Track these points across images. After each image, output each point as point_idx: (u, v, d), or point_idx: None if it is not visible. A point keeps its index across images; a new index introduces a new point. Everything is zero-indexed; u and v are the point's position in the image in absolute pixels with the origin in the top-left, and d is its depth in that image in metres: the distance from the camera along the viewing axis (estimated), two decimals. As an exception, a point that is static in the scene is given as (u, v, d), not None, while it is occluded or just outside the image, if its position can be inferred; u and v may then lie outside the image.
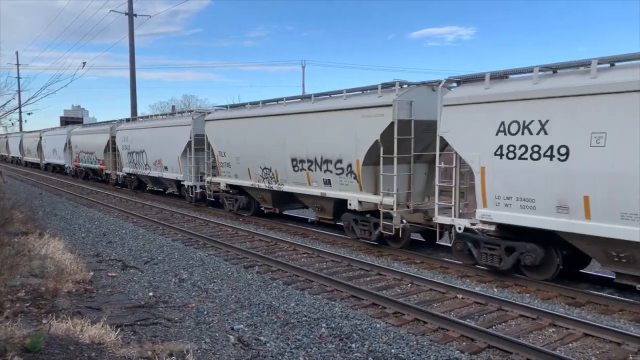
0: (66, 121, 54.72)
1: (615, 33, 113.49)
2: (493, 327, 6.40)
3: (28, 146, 43.53)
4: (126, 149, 22.68)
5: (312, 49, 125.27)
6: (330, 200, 12.12)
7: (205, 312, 6.82)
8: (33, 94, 10.08)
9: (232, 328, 6.24)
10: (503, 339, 5.78)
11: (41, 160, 39.18)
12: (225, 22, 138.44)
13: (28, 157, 44.20)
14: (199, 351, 5.40)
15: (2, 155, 56.52)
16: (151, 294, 7.61)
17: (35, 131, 41.87)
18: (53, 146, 34.94)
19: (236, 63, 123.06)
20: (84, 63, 10.07)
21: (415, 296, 7.83)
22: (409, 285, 8.39)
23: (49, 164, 37.23)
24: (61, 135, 32.75)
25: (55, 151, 34.66)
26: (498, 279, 8.63)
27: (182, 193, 19.11)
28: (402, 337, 6.02)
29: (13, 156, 51.17)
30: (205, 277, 8.76)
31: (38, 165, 40.39)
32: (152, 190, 22.93)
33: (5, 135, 52.92)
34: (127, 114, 29.88)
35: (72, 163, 31.08)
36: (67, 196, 22.05)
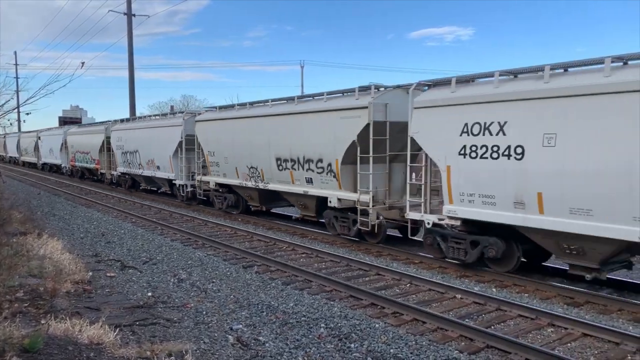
0: (65, 121, 54.74)
1: (614, 33, 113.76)
2: (492, 327, 6.41)
3: (25, 146, 43.84)
4: (120, 149, 23.14)
5: (311, 49, 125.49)
6: (312, 198, 12.64)
7: (204, 312, 6.82)
8: (32, 94, 10.09)
9: (231, 328, 6.24)
10: (502, 339, 5.79)
11: (38, 160, 39.54)
12: (224, 22, 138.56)
13: (25, 157, 44.49)
14: (198, 351, 5.40)
15: (0, 155, 56.54)
16: (150, 294, 7.61)
17: (32, 131, 42.19)
18: (50, 146, 35.31)
19: (235, 63, 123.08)
20: (83, 63, 10.09)
21: (414, 296, 7.84)
22: (408, 285, 8.40)
23: (46, 164, 37.56)
24: (58, 135, 33.17)
25: (51, 151, 34.98)
26: (497, 279, 8.65)
27: (174, 192, 19.54)
28: (401, 337, 6.03)
29: (11, 156, 51.54)
30: (204, 277, 8.76)
31: (35, 165, 40.71)
32: (146, 189, 23.38)
33: (3, 135, 52.94)
34: (126, 114, 30.02)
35: (69, 163, 31.43)
36: (66, 196, 22.03)
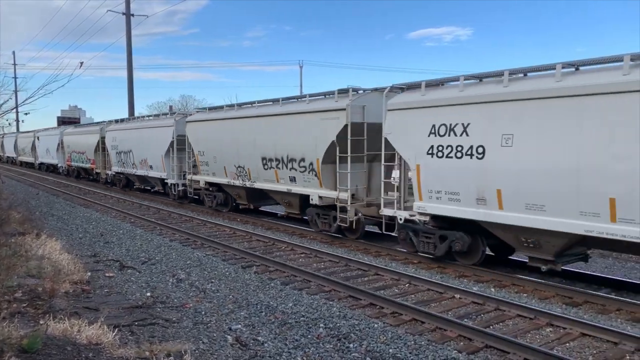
0: (63, 121, 54.80)
1: (614, 33, 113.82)
2: (490, 327, 6.41)
3: (23, 146, 44.33)
4: (115, 149, 23.64)
5: (310, 49, 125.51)
6: (296, 196, 13.21)
7: (203, 313, 6.82)
8: (30, 94, 10.08)
9: (230, 328, 6.24)
10: (500, 339, 5.79)
11: (35, 160, 40.03)
12: (223, 22, 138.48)
13: (23, 157, 44.96)
14: (197, 351, 5.40)
15: None
16: (149, 295, 7.60)
17: (29, 131, 42.72)
18: (46, 146, 35.80)
19: (234, 63, 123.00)
20: (81, 63, 10.09)
21: (413, 296, 7.84)
22: (407, 285, 8.40)
23: (43, 164, 38.05)
24: (54, 135, 33.67)
25: (48, 151, 35.46)
26: (495, 279, 8.66)
27: (167, 191, 19.97)
28: (400, 337, 6.03)
29: (8, 156, 52.06)
30: (203, 278, 8.76)
31: (32, 164, 41.19)
32: (140, 188, 23.88)
33: (1, 135, 53.06)
34: (125, 114, 30.21)
35: (65, 162, 31.91)
36: (64, 196, 22.01)
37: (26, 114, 15.65)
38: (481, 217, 8.53)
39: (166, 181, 19.47)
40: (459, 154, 8.69)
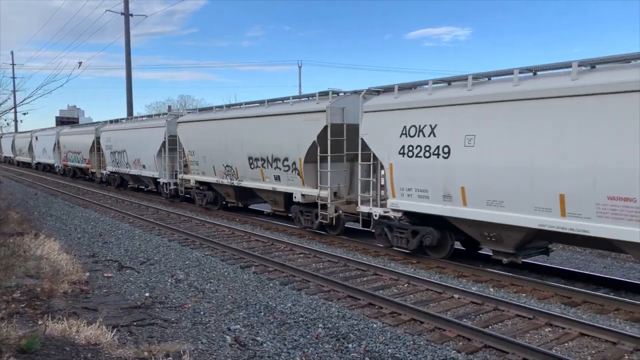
0: (62, 121, 54.85)
1: (614, 33, 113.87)
2: (489, 327, 6.41)
3: (20, 146, 44.86)
4: (109, 149, 24.09)
5: (309, 49, 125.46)
6: (280, 194, 13.66)
7: (201, 313, 6.81)
8: (29, 94, 10.07)
9: (229, 328, 6.24)
10: (499, 339, 5.79)
11: (32, 160, 40.56)
12: (222, 22, 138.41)
13: (20, 157, 45.46)
14: (196, 352, 5.39)
15: None
16: (147, 295, 7.60)
17: (27, 132, 43.30)
18: (43, 146, 36.40)
19: (233, 63, 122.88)
20: (80, 63, 10.10)
21: (411, 296, 7.85)
22: (406, 285, 8.41)
23: (40, 163, 38.60)
24: (51, 135, 34.28)
25: (45, 151, 36.02)
26: (494, 279, 8.66)
27: (159, 190, 20.36)
28: (399, 337, 6.03)
29: (5, 156, 52.60)
30: (201, 278, 8.75)
31: (29, 164, 41.70)
32: (133, 187, 24.52)
33: None
34: (124, 114, 30.38)
35: (61, 162, 32.38)
36: (63, 196, 21.99)
37: (25, 114, 15.73)
38: (448, 213, 9.02)
39: (158, 180, 19.88)
40: (427, 154, 9.20)
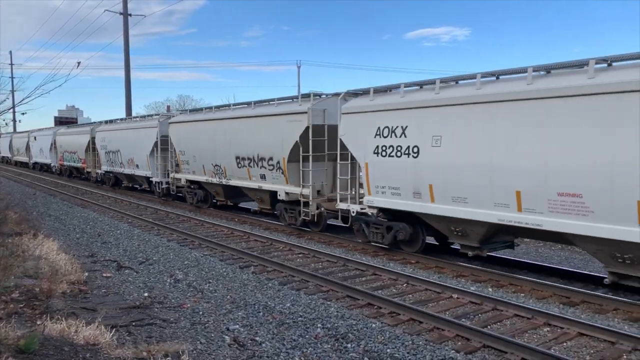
0: (60, 121, 54.83)
1: (614, 33, 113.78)
2: (488, 327, 6.42)
3: (17, 146, 45.44)
4: (104, 149, 24.56)
5: (308, 49, 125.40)
6: (266, 192, 14.09)
7: (200, 313, 6.81)
8: (27, 94, 10.05)
9: (228, 328, 6.24)
10: (498, 339, 5.80)
11: (29, 159, 41.15)
12: (220, 22, 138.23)
13: (18, 157, 46.02)
14: (195, 352, 5.39)
15: None
16: (146, 295, 7.59)
17: (24, 132, 43.82)
18: (40, 146, 36.96)
19: (232, 63, 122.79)
20: (79, 63, 10.09)
21: (410, 296, 7.85)
22: (405, 285, 8.41)
23: (37, 163, 39.17)
24: (47, 136, 34.87)
25: (42, 151, 36.58)
26: (493, 279, 8.67)
27: (152, 188, 20.88)
28: (398, 337, 6.03)
29: (3, 156, 53.12)
30: (200, 278, 8.75)
31: (27, 164, 42.26)
32: (128, 186, 24.95)
33: None
34: (122, 114, 30.61)
35: (57, 162, 32.93)
36: (61, 196, 21.97)
37: (23, 114, 15.74)
38: (418, 209, 9.58)
39: (151, 179, 20.33)
40: (399, 153, 9.73)
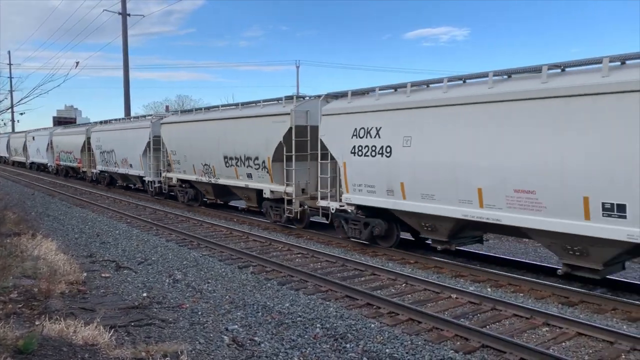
0: (59, 121, 54.93)
1: (614, 33, 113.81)
2: (487, 327, 6.42)
3: (15, 146, 45.90)
4: (99, 149, 25.05)
5: (307, 49, 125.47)
6: (253, 190, 14.58)
7: (199, 313, 6.80)
8: (26, 94, 10.04)
9: (227, 328, 6.23)
10: (497, 339, 5.80)
11: (27, 159, 41.66)
12: (219, 22, 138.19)
13: (15, 157, 46.45)
14: (193, 352, 5.39)
15: None
16: (145, 295, 7.58)
17: (21, 132, 44.30)
18: (37, 146, 37.52)
19: (231, 63, 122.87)
20: (77, 63, 10.07)
21: (409, 296, 7.85)
22: (404, 285, 8.41)
23: (34, 163, 39.77)
24: (44, 136, 35.42)
25: (39, 151, 37.14)
26: (492, 279, 8.68)
27: (145, 187, 21.34)
28: (397, 337, 6.03)
29: (1, 156, 53.47)
30: (199, 278, 8.74)
31: (24, 164, 42.75)
32: (122, 185, 25.34)
33: None
34: (121, 114, 30.72)
35: (54, 162, 33.45)
36: (60, 197, 21.94)
37: (22, 114, 15.82)
38: (391, 206, 10.07)
39: (144, 179, 20.78)
40: (374, 153, 10.20)
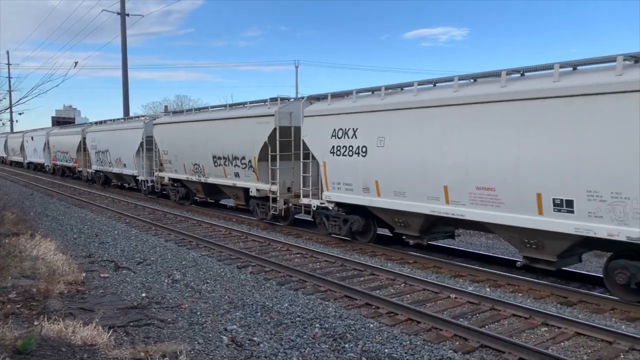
0: (58, 121, 54.97)
1: (614, 33, 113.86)
2: (486, 327, 6.43)
3: (13, 146, 46.29)
4: (94, 149, 25.48)
5: (307, 49, 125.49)
6: (240, 189, 15.02)
7: (198, 313, 6.80)
8: (24, 94, 10.02)
9: (226, 329, 6.23)
10: (496, 338, 5.81)
11: (24, 159, 42.07)
12: (218, 22, 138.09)
13: (13, 157, 46.84)
14: (192, 352, 5.39)
15: None
16: (144, 295, 7.58)
17: (19, 132, 44.82)
18: (34, 146, 38.07)
19: (230, 63, 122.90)
20: (76, 63, 10.03)
21: (408, 296, 7.85)
22: (403, 285, 8.42)
23: (31, 163, 40.20)
24: (41, 136, 35.92)
25: (36, 151, 37.69)
26: (491, 279, 8.68)
27: (139, 186, 21.73)
28: (396, 337, 6.03)
29: None
30: (198, 278, 8.73)
31: (21, 164, 43.14)
32: (117, 185, 25.85)
33: None
34: (120, 114, 30.77)
35: (51, 162, 33.91)
36: (59, 197, 21.92)
37: (20, 114, 15.72)
38: (367, 203, 10.58)
39: (138, 178, 21.21)
40: (351, 153, 10.66)
